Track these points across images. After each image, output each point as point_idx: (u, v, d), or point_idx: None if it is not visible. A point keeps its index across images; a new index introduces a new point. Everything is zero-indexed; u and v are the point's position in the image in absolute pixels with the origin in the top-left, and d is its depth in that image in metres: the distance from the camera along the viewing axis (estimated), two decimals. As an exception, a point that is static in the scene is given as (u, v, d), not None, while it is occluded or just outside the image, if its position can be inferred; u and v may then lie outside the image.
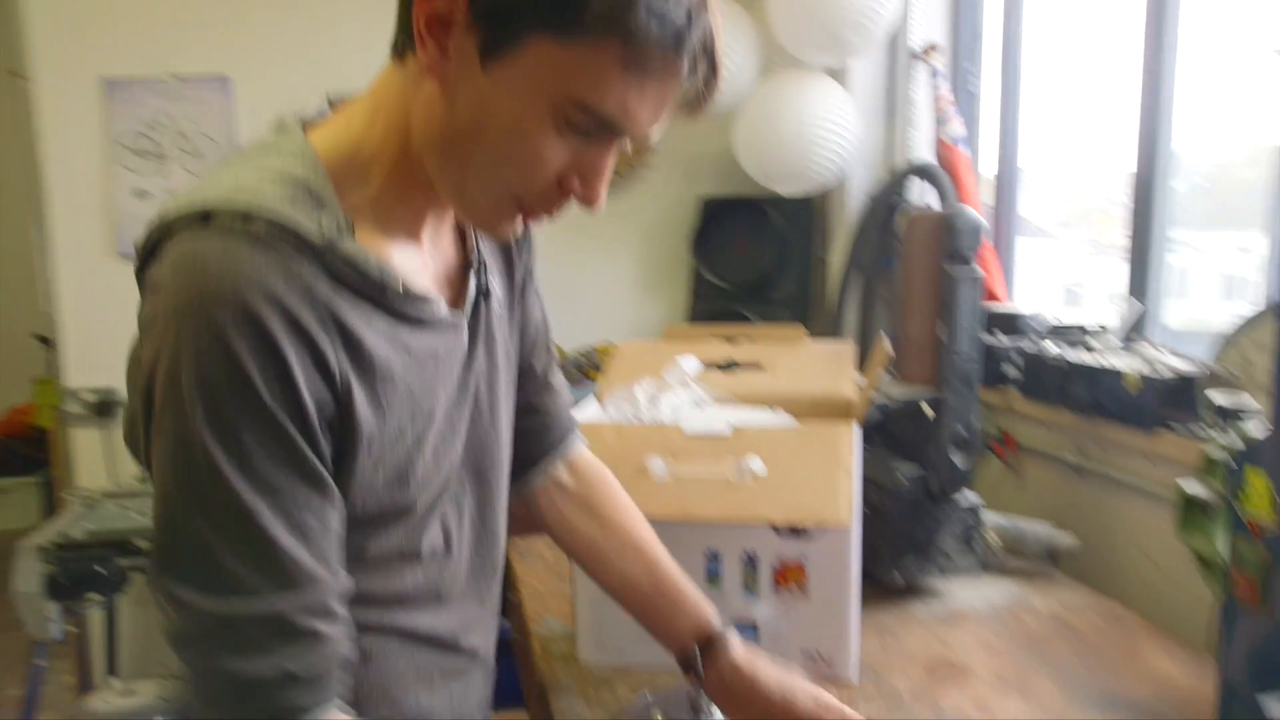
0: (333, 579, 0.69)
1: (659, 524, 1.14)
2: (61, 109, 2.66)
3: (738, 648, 0.96)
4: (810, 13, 2.18)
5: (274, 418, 0.64)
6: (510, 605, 1.54)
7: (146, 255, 0.68)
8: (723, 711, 0.97)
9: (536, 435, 1.00)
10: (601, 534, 1.01)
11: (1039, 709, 1.12)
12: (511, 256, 0.92)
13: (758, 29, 2.41)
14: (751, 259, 2.85)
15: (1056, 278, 2.30)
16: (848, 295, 2.52)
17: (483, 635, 0.91)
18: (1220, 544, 1.19)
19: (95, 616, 2.65)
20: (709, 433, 1.16)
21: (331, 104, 0.78)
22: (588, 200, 0.71)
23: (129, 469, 2.70)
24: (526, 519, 1.02)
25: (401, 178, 0.73)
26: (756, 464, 1.12)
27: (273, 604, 0.65)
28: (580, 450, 1.05)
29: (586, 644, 1.24)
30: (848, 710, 0.91)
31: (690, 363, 1.33)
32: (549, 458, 1.01)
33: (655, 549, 1.01)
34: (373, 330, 0.70)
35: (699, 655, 0.95)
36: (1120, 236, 1.85)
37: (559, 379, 1.03)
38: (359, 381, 0.69)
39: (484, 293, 0.84)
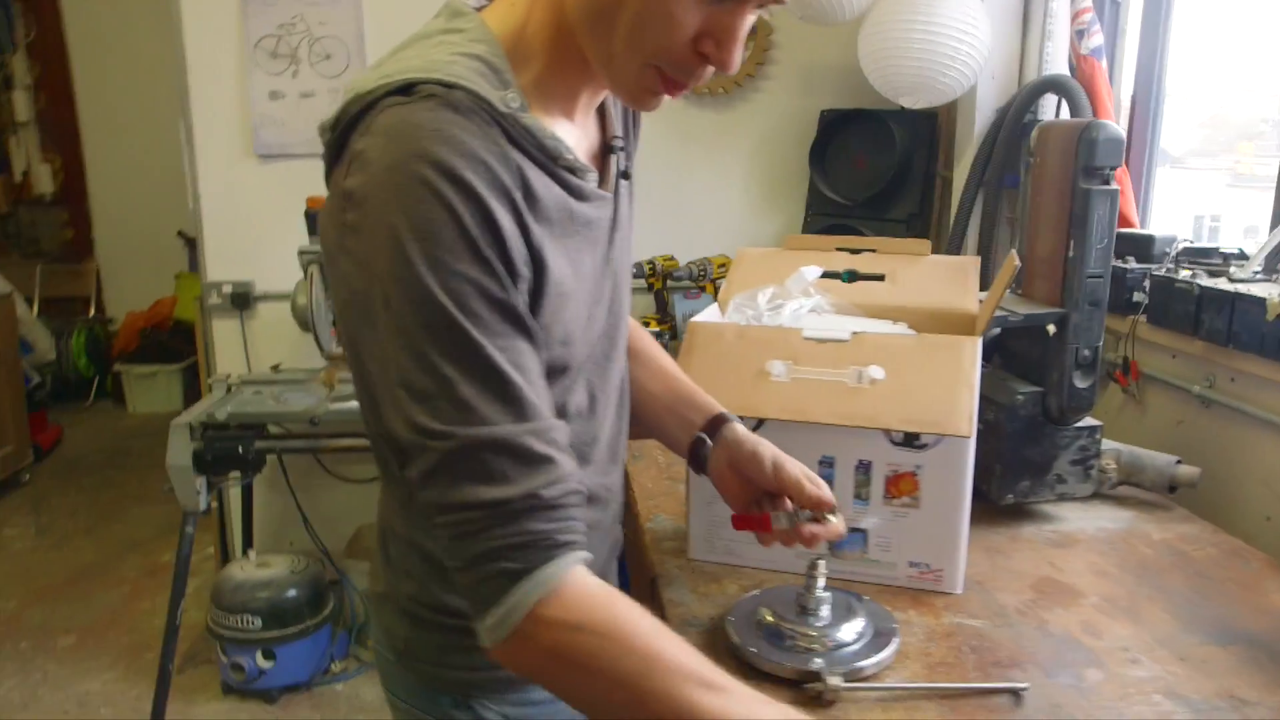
0: (550, 414, 0.73)
1: (777, 424, 1.18)
2: (203, 12, 2.77)
3: (740, 428, 1.03)
4: (949, -86, 2.08)
5: (488, 263, 0.69)
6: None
7: (347, 127, 0.74)
8: (722, 488, 1.04)
9: None
10: (630, 364, 1.08)
11: (1149, 634, 1.12)
12: (629, 147, 0.96)
13: (891, -68, 2.31)
14: (870, 174, 2.79)
15: (1188, 210, 2.17)
16: (970, 213, 2.45)
17: (616, 491, 1.00)
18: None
19: (234, 494, 2.87)
20: (829, 337, 1.18)
21: None
22: (722, 63, 0.73)
23: (264, 357, 2.88)
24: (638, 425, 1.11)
25: (560, 56, 0.78)
26: (876, 371, 1.13)
27: (509, 431, 0.68)
28: None
29: (697, 542, 1.29)
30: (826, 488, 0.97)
31: (812, 271, 1.33)
32: None
33: (674, 370, 1.10)
34: (551, 194, 0.76)
35: (707, 440, 1.03)
36: (1266, 166, 1.73)
37: None
38: (547, 239, 0.75)
39: (624, 174, 0.90)
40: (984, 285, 1.38)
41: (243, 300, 2.87)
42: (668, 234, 2.81)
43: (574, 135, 0.82)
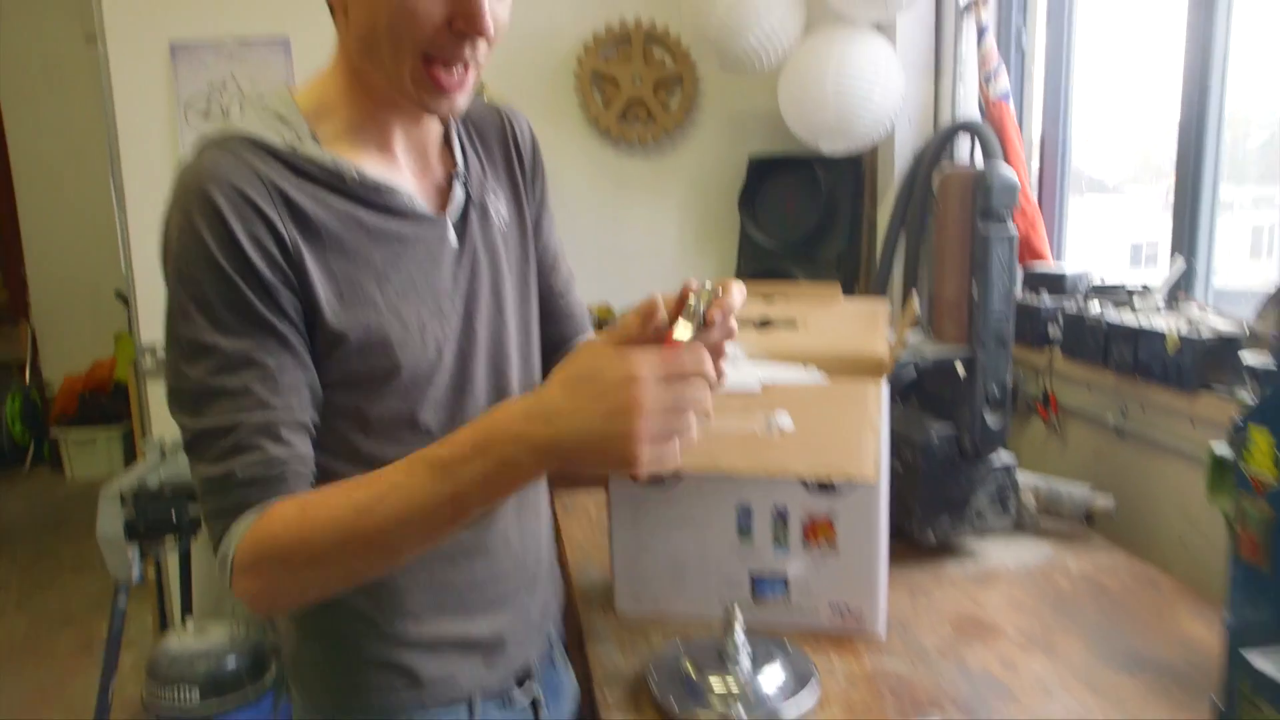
0: (284, 410, 0.83)
1: (690, 476, 1.19)
2: (132, 72, 2.75)
3: None
4: (858, -33, 2.15)
5: (228, 275, 0.80)
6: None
7: None
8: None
9: (555, 347, 1.12)
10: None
11: (1064, 667, 1.14)
12: (518, 185, 1.03)
13: (806, -16, 2.38)
14: (799, 218, 2.85)
15: (1124, 236, 2.23)
16: (893, 255, 2.51)
17: (513, 522, 1.01)
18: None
19: (172, 561, 2.80)
20: (739, 389, 1.20)
21: None
22: (476, 29, 0.82)
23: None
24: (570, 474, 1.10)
25: (360, 100, 0.90)
26: (785, 419, 1.15)
27: (226, 422, 0.80)
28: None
29: (623, 595, 1.29)
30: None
31: (725, 323, 1.35)
32: None
33: None
34: (325, 209, 0.86)
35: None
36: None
37: (576, 297, 1.15)
38: (308, 247, 0.84)
39: (472, 203, 0.96)
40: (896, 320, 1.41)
41: (176, 362, 2.82)
42: (603, 282, 2.84)
43: (393, 167, 0.93)
